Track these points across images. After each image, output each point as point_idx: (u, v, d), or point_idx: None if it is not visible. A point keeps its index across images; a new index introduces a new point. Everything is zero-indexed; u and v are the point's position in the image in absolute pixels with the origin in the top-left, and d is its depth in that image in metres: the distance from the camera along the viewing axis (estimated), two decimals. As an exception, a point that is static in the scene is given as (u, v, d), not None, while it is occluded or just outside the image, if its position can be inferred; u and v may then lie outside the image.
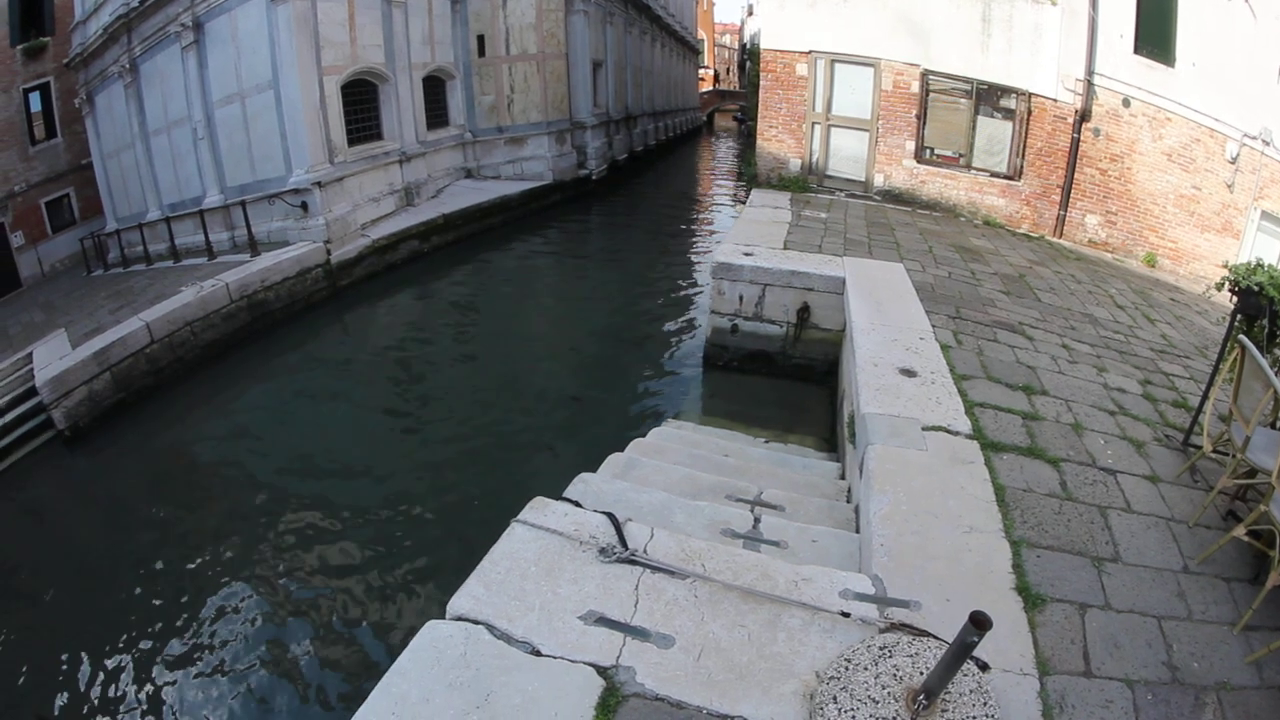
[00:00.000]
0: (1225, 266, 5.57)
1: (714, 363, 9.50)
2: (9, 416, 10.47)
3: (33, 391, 10.54)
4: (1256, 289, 5.10)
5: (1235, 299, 5.32)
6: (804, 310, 8.80)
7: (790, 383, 8.99)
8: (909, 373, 5.95)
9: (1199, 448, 5.14)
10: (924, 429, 5.07)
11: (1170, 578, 4.02)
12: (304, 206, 15.36)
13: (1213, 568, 4.14)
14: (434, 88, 21.53)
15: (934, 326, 7.15)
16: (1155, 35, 12.99)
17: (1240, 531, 4.00)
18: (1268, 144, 12.26)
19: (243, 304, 12.89)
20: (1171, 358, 7.75)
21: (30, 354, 12.09)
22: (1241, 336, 4.54)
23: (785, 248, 9.85)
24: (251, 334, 12.90)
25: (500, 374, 10.72)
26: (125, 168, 21.46)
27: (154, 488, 8.85)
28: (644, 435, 7.03)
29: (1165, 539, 4.35)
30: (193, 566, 6.99)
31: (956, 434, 5.08)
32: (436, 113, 21.66)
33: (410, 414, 9.92)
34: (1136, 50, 13.06)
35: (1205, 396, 5.30)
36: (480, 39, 22.44)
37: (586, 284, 15.49)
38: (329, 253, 14.85)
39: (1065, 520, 4.35)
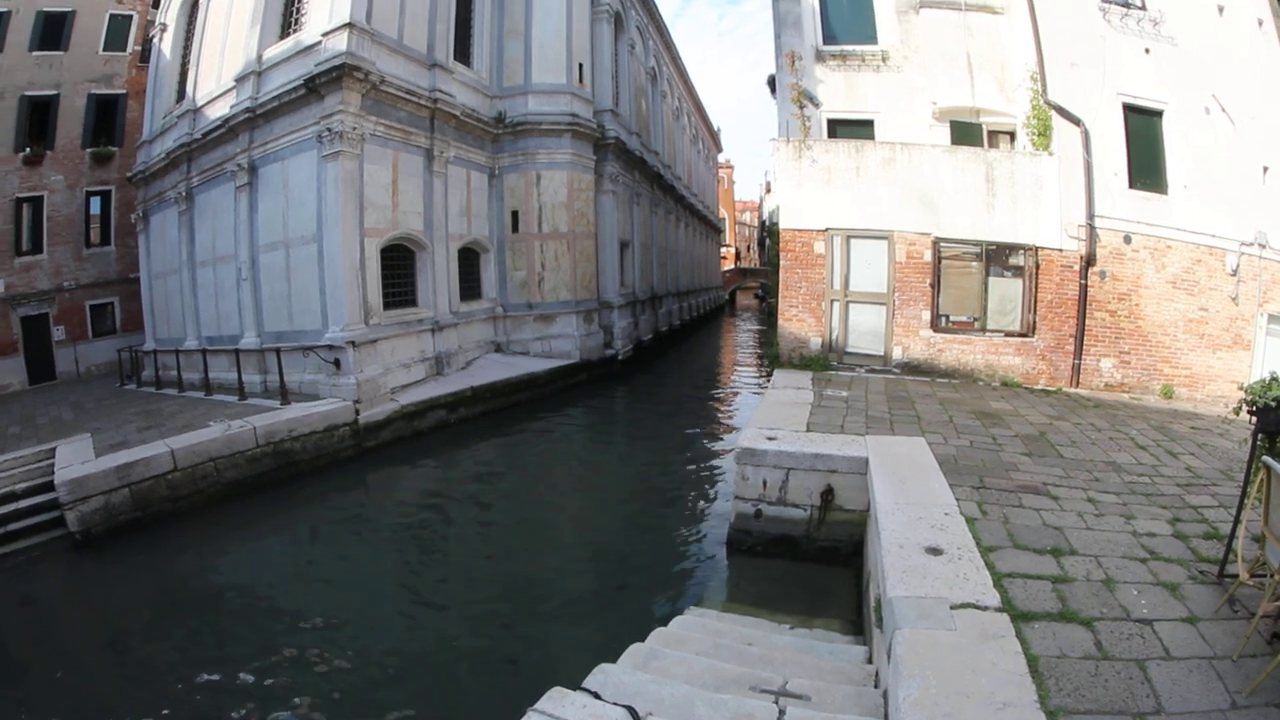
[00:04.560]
0: (1241, 389, 5.59)
1: (738, 548, 9.30)
2: (24, 503, 10.93)
3: (50, 486, 10.94)
4: (1274, 404, 5.12)
5: (1254, 419, 5.32)
6: (828, 493, 8.71)
7: (815, 566, 8.77)
8: (935, 551, 5.86)
9: (1235, 577, 5.02)
10: (952, 608, 4.95)
11: (1218, 718, 3.87)
12: (336, 364, 15.76)
13: (1263, 697, 4.00)
14: (468, 260, 22.25)
15: (958, 500, 7.09)
16: (1147, 166, 13.85)
17: (1287, 655, 3.86)
18: (1264, 246, 12.75)
19: (268, 450, 13.15)
20: (1198, 489, 7.72)
21: (54, 449, 12.64)
22: (1266, 457, 4.54)
23: (808, 429, 9.89)
24: (274, 480, 13.04)
25: (518, 553, 10.55)
26: (170, 292, 22.54)
27: (154, 612, 8.82)
28: (666, 624, 6.89)
29: (1209, 679, 4.21)
30: (174, 701, 6.77)
31: (985, 609, 4.95)
32: (470, 285, 22.29)
33: (424, 584, 9.73)
34: (1131, 185, 13.89)
35: (1236, 522, 5.21)
36: (514, 215, 23.22)
37: (609, 465, 15.44)
38: (357, 413, 15.08)
39: (1103, 681, 4.21)
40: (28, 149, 25.51)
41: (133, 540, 10.65)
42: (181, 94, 22.08)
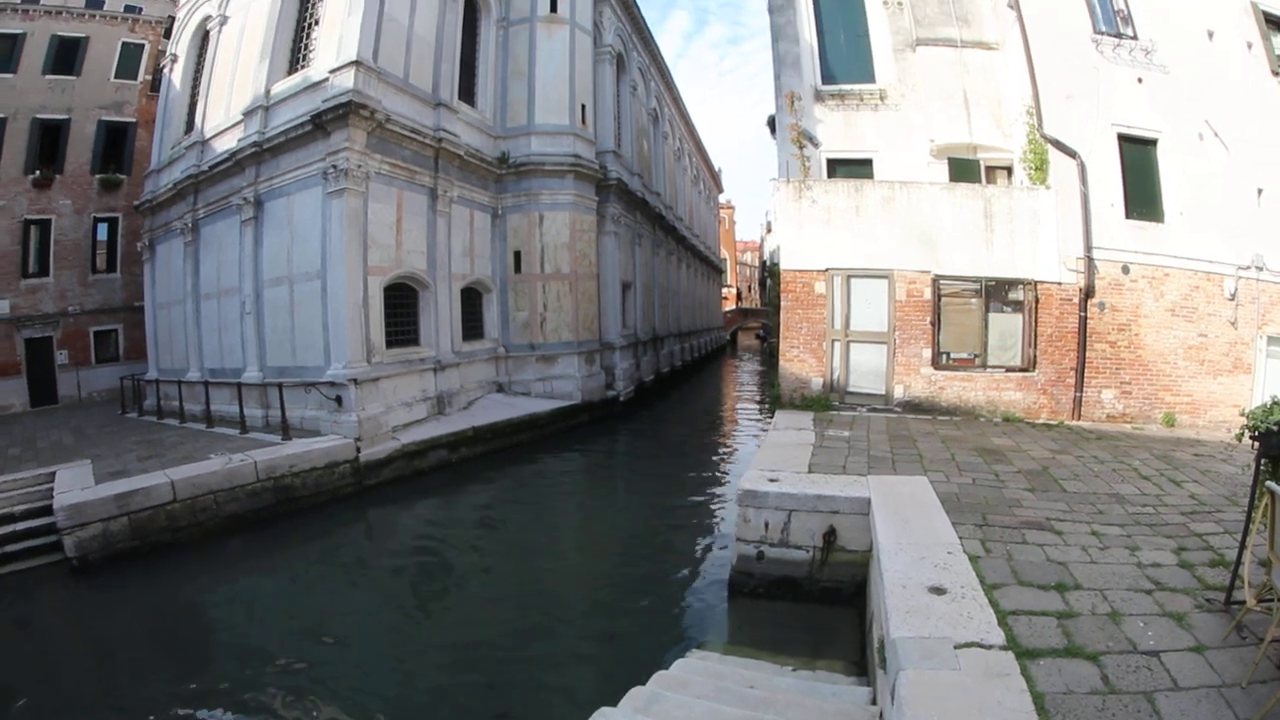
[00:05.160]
0: (1243, 414, 5.61)
1: (740, 590, 9.21)
2: (21, 526, 11.04)
3: (49, 510, 11.06)
4: (1276, 428, 5.12)
5: (1257, 444, 5.31)
6: (830, 534, 8.66)
7: (818, 607, 8.68)
8: (938, 590, 5.82)
9: (1242, 603, 5.00)
10: (956, 647, 4.91)
11: (1227, 747, 3.80)
12: (338, 401, 15.76)
13: (1273, 723, 3.95)
14: (471, 300, 22.27)
15: (961, 538, 7.06)
16: (1143, 195, 14.02)
17: (1297, 678, 3.82)
18: (1261, 270, 12.91)
19: (269, 484, 13.16)
20: (1202, 516, 7.75)
21: (54, 474, 12.79)
22: (1269, 482, 4.54)
23: (810, 470, 9.85)
24: (274, 515, 13.04)
25: (518, 594, 10.45)
26: (174, 322, 22.64)
27: (150, 640, 8.87)
28: (667, 667, 6.85)
29: (1219, 708, 4.18)
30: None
31: (990, 647, 4.91)
32: (472, 325, 22.27)
33: (422, 624, 9.64)
34: (1128, 215, 14.04)
35: (1241, 548, 5.20)
36: (517, 255, 23.28)
37: (610, 507, 15.36)
38: (358, 450, 15.04)
39: (1110, 715, 4.17)
40: (38, 172, 26.09)
41: (130, 569, 10.70)
42: (190, 125, 22.40)
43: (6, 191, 25.50)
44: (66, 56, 27.07)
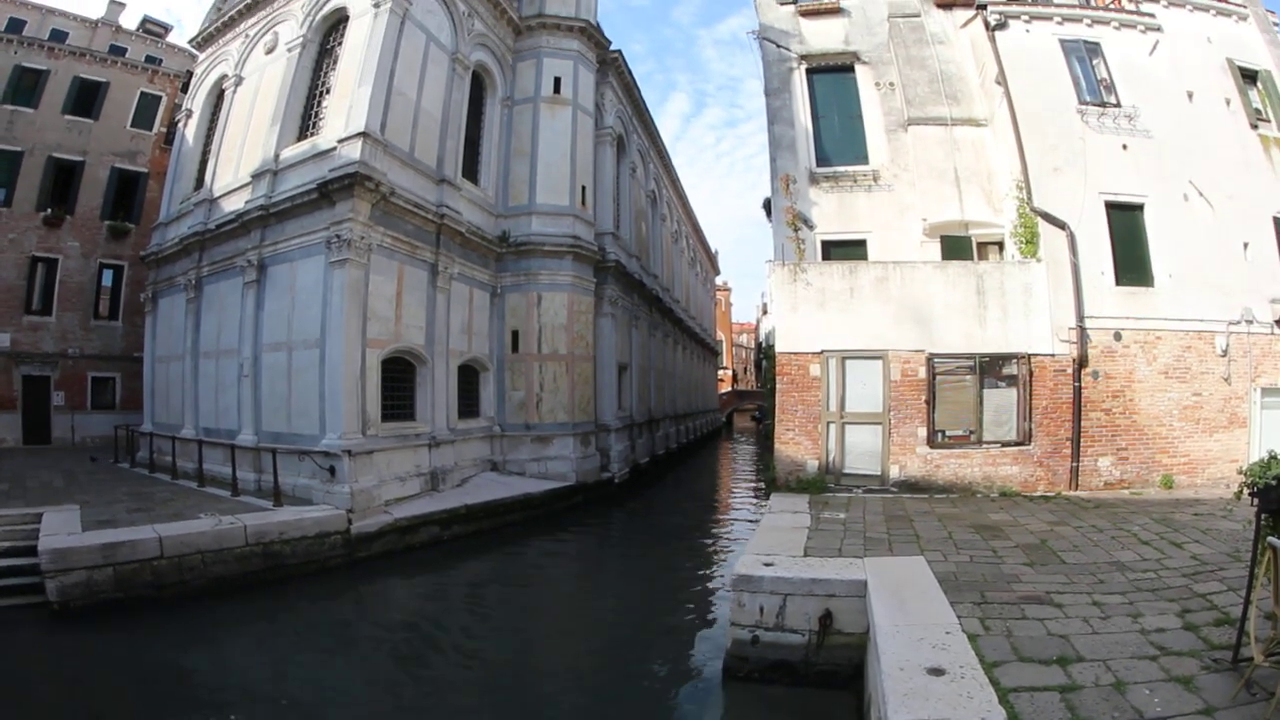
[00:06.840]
0: (1240, 471, 5.63)
1: (734, 674, 9.03)
2: (2, 563, 11.00)
3: (33, 551, 10.97)
4: (1275, 483, 5.13)
5: (1256, 500, 5.31)
6: (826, 617, 8.57)
7: (814, 691, 8.51)
8: (937, 671, 5.72)
9: (1250, 660, 4.95)
10: (956, 729, 4.82)
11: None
12: (332, 471, 15.64)
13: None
14: (468, 378, 22.23)
15: (960, 617, 6.99)
16: (1132, 261, 14.25)
17: (1309, 731, 3.73)
18: (1251, 322, 12.99)
19: (257, 550, 13.01)
20: (1205, 576, 7.77)
21: (41, 515, 12.71)
22: (1271, 538, 4.58)
23: (805, 554, 9.82)
24: (261, 581, 12.84)
25: (507, 677, 10.17)
26: (171, 377, 22.58)
27: (116, 695, 8.71)
28: None
29: None
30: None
31: (990, 727, 4.82)
32: (468, 403, 22.19)
33: (408, 708, 9.42)
34: (1118, 282, 14.30)
35: (1247, 603, 5.17)
36: (515, 334, 23.33)
37: (603, 590, 15.13)
38: (350, 522, 14.87)
39: (1117, 786, 4.04)
40: (49, 210, 26.62)
41: (110, 620, 10.57)
42: (200, 182, 22.76)
43: (17, 225, 26.10)
44: (86, 99, 28.03)
